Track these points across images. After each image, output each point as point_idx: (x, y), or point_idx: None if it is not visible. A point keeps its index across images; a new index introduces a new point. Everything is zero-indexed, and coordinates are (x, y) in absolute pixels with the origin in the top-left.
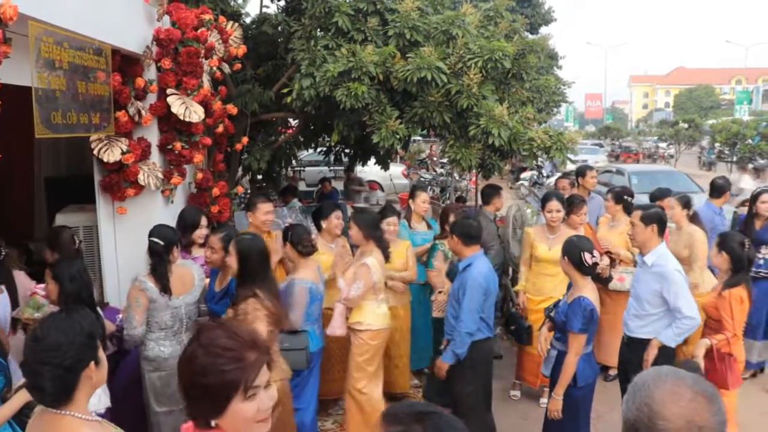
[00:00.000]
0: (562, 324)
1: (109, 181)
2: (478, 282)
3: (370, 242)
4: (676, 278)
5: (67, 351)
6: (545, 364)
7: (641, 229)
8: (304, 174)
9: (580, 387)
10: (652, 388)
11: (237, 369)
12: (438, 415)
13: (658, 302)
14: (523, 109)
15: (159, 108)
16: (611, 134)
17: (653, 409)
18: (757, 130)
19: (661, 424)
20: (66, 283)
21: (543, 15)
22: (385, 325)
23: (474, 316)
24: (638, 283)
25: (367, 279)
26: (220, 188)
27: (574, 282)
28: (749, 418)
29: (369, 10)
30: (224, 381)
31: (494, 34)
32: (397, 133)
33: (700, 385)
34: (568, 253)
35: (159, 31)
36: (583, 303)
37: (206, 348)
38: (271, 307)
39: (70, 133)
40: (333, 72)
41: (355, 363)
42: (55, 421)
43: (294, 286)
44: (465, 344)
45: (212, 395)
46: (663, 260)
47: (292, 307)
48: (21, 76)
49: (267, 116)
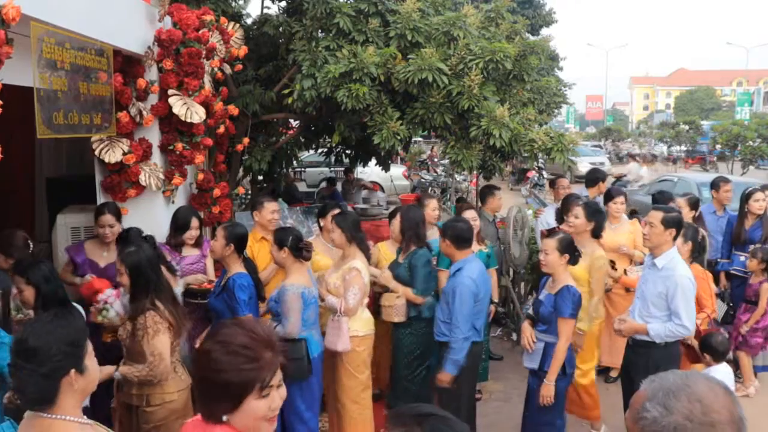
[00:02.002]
0: (549, 315)
1: (111, 181)
2: (467, 286)
3: (352, 245)
4: (685, 285)
5: (43, 358)
6: (530, 357)
7: (659, 231)
8: (305, 175)
9: (568, 374)
10: (693, 387)
11: (255, 368)
12: (439, 417)
13: (664, 305)
14: (524, 110)
15: (160, 109)
16: (612, 136)
17: (705, 404)
18: (757, 131)
19: (714, 417)
20: (42, 285)
21: (544, 16)
22: (371, 330)
23: (467, 321)
24: (645, 285)
25: (361, 283)
26: (221, 189)
27: (558, 275)
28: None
29: (370, 11)
30: (242, 379)
31: (495, 35)
32: (398, 134)
33: (721, 384)
34: (567, 250)
35: (160, 31)
36: (571, 290)
37: (225, 345)
38: (170, 318)
39: (72, 133)
40: (334, 73)
41: (345, 371)
42: (45, 425)
43: (286, 293)
44: (464, 350)
45: (229, 392)
46: (673, 264)
47: (286, 315)
48: (23, 76)
49: (268, 117)
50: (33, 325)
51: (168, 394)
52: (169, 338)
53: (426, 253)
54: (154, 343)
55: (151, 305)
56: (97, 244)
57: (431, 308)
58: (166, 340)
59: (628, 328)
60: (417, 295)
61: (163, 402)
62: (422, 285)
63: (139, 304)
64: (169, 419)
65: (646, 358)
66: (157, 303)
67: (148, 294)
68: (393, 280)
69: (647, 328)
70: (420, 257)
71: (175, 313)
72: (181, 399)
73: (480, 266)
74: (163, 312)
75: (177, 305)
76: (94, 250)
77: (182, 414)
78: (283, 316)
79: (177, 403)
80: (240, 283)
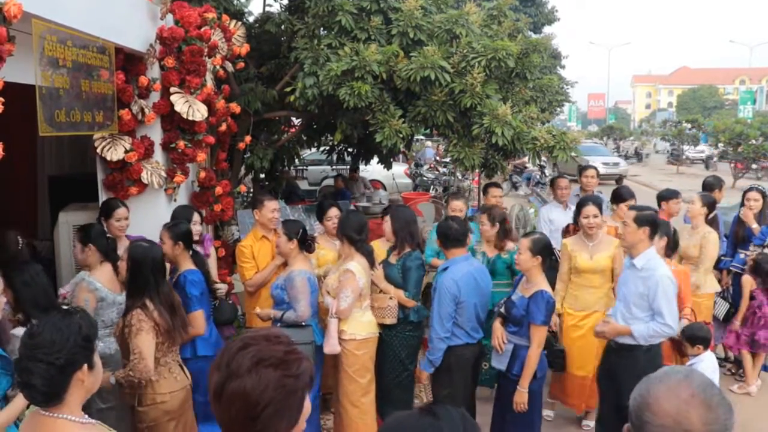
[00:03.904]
0: (520, 318)
1: (112, 179)
2: (447, 287)
3: (350, 246)
4: (666, 284)
5: (61, 350)
6: (499, 358)
7: (633, 230)
8: (307, 173)
9: (539, 378)
10: (656, 382)
11: (305, 373)
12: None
13: (646, 306)
14: (526, 109)
15: (162, 106)
16: (614, 134)
17: (645, 402)
18: (760, 130)
19: (647, 416)
20: (20, 289)
21: (546, 14)
22: (372, 333)
23: (443, 322)
24: (625, 286)
25: (354, 286)
26: (223, 187)
27: (533, 277)
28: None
29: (372, 8)
30: (297, 397)
31: (498, 33)
32: (400, 132)
33: (707, 391)
34: (541, 252)
35: (162, 29)
36: (545, 296)
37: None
38: (157, 318)
39: (74, 131)
40: (336, 71)
41: (345, 375)
42: (48, 424)
43: (294, 278)
44: (438, 350)
45: (288, 414)
46: (653, 264)
47: (296, 299)
48: (25, 74)
49: (270, 115)
50: (46, 321)
51: (159, 395)
52: (152, 338)
53: (419, 255)
54: (135, 342)
55: (141, 304)
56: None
57: (418, 312)
58: (149, 340)
59: (611, 330)
60: (409, 297)
61: (155, 402)
62: (415, 288)
63: (132, 302)
64: (162, 420)
65: (632, 361)
66: (147, 303)
67: (142, 294)
68: (384, 280)
69: (631, 329)
70: (414, 259)
71: (168, 317)
72: (174, 400)
73: (468, 267)
74: (150, 312)
75: (175, 314)
76: None
77: (177, 415)
78: (293, 301)
79: (170, 404)
80: (191, 279)
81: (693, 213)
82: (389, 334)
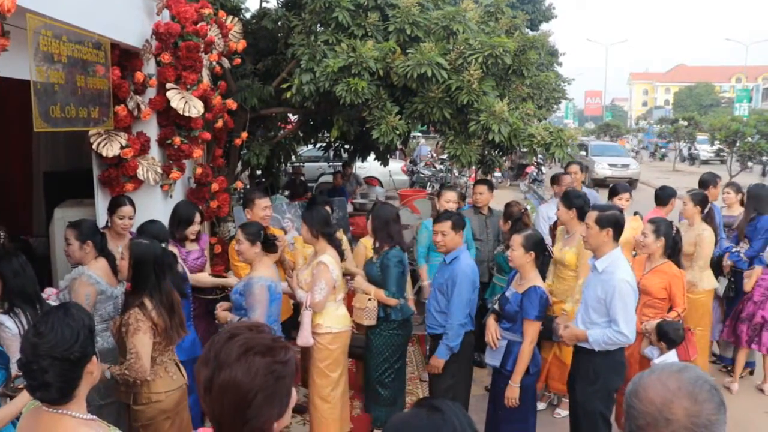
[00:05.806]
0: (514, 314)
1: (108, 175)
2: (466, 273)
3: (321, 240)
4: (623, 289)
5: (74, 344)
6: (493, 354)
7: (595, 232)
8: (304, 169)
9: (533, 373)
10: (650, 373)
11: (292, 360)
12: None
13: (604, 310)
14: (523, 106)
15: (158, 102)
16: (611, 131)
17: (635, 388)
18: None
19: (634, 402)
20: (10, 279)
21: (543, 11)
22: (345, 327)
23: (464, 308)
24: (587, 289)
25: (328, 278)
26: (220, 183)
27: (526, 273)
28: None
29: (369, 5)
30: (286, 383)
31: (495, 30)
32: (396, 128)
33: (696, 385)
34: (533, 248)
35: (158, 25)
36: (539, 291)
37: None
38: (156, 318)
39: (69, 127)
40: (333, 67)
41: (317, 369)
42: (53, 420)
43: (254, 285)
44: (459, 336)
45: (278, 401)
46: (613, 267)
47: (252, 308)
48: (19, 69)
49: (266, 111)
50: (47, 319)
51: (155, 394)
52: (149, 338)
53: (398, 253)
54: (132, 341)
55: (140, 303)
56: (110, 238)
57: (401, 310)
58: (146, 340)
59: (569, 335)
60: (389, 296)
61: (150, 401)
62: (395, 286)
63: (131, 300)
64: (158, 419)
65: (587, 365)
66: (146, 302)
67: (143, 292)
68: (365, 282)
69: (587, 334)
70: (392, 257)
71: (166, 317)
72: (170, 400)
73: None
74: (149, 312)
75: (174, 313)
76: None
77: (173, 414)
78: (249, 309)
79: (165, 403)
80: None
81: (687, 214)
82: (373, 333)
